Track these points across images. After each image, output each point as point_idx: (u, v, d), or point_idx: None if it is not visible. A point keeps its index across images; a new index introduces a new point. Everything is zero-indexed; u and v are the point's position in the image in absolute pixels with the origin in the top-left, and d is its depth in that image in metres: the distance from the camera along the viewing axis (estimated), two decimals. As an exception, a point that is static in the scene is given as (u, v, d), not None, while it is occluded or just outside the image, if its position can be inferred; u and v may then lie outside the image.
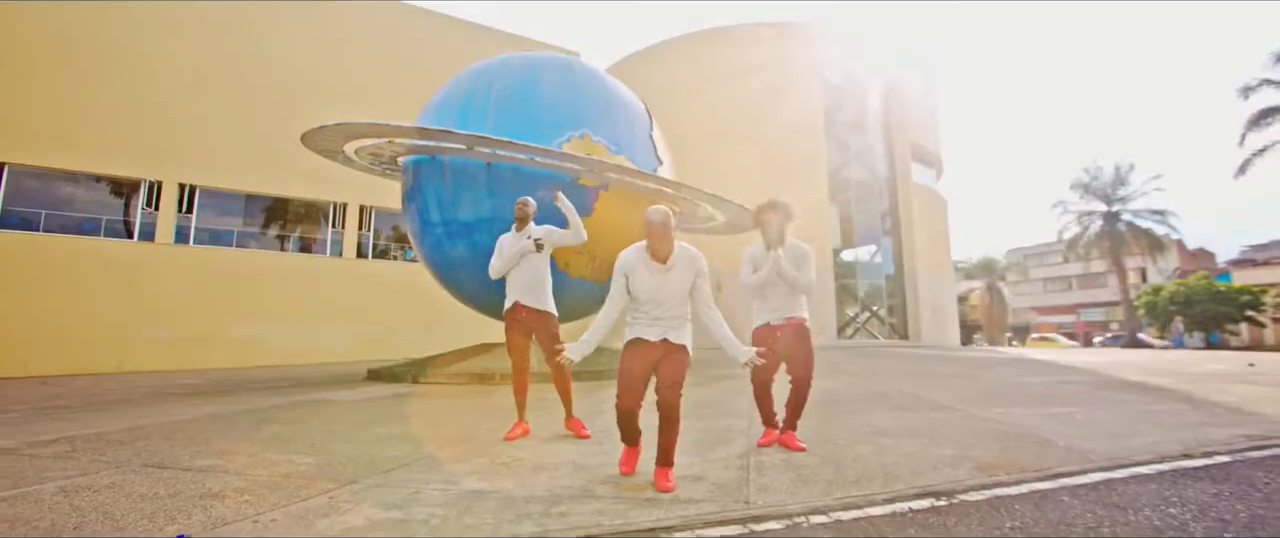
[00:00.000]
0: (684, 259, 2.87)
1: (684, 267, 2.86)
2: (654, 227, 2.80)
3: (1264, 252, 59.19)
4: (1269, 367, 9.58)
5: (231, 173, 16.55)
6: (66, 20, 14.48)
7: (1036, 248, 54.57)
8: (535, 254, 4.15)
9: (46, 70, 14.22)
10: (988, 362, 11.40)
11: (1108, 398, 5.73)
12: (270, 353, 15.64)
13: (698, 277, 2.88)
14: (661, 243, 2.81)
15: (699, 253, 2.91)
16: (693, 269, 2.87)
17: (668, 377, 2.77)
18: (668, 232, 2.81)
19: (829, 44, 22.75)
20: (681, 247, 2.88)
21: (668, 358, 2.83)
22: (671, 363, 2.81)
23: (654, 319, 2.85)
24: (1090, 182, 32.19)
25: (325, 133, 7.69)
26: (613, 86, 9.78)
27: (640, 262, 2.86)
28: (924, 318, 23.04)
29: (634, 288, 2.85)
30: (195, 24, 16.28)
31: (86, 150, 14.64)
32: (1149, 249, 31.02)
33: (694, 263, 2.88)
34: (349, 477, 2.95)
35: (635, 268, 2.85)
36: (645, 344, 2.85)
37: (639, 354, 2.84)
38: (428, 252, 9.09)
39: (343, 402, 5.92)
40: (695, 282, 2.88)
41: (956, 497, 2.52)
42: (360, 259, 18.61)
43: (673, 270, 2.83)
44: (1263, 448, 3.44)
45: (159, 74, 15.66)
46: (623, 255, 2.89)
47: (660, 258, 2.84)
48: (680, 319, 2.88)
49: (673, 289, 2.83)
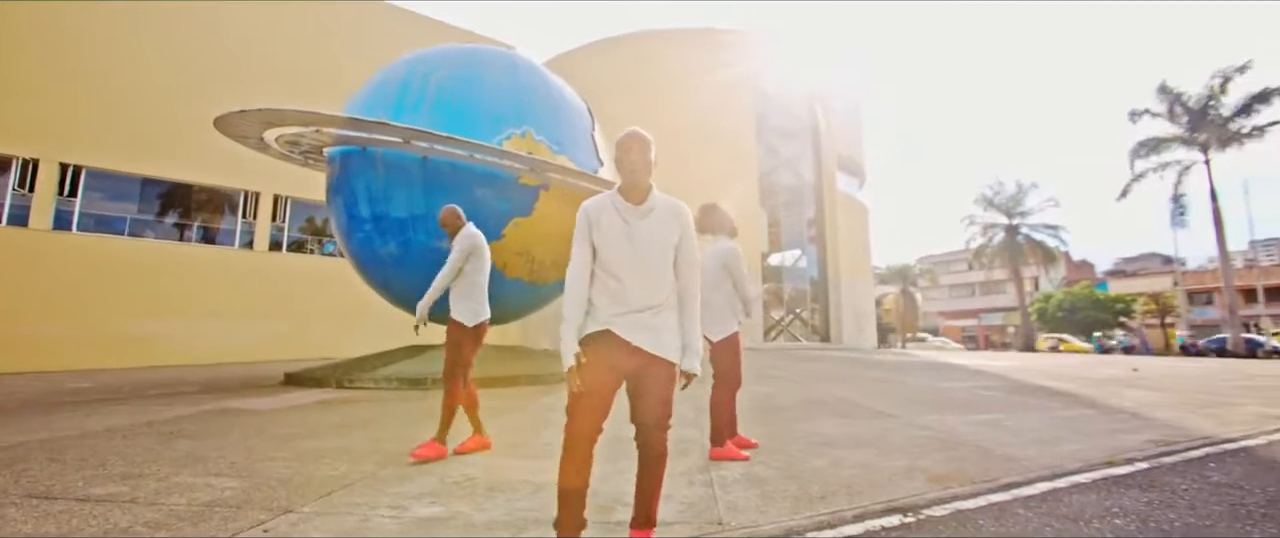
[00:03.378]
0: (666, 207, 2.15)
1: (666, 215, 2.13)
2: (628, 146, 2.08)
3: (1134, 263, 66.06)
4: (1149, 371, 10.60)
5: (126, 154, 15.02)
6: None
7: (945, 256, 58.35)
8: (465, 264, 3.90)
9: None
10: (905, 366, 12.00)
11: (1023, 404, 6.12)
12: (169, 353, 14.32)
13: (685, 232, 2.15)
14: (636, 169, 2.07)
15: (683, 204, 2.20)
16: (678, 222, 2.14)
17: (651, 412, 2.04)
18: (647, 154, 2.09)
19: (763, 52, 23.36)
20: (662, 195, 2.17)
21: (647, 378, 2.04)
22: (654, 387, 2.05)
23: (623, 301, 2.04)
24: (994, 196, 34.72)
25: (245, 118, 7.06)
26: (555, 84, 9.56)
27: (608, 207, 2.11)
28: (845, 321, 24.07)
29: (599, 244, 2.08)
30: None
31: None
32: (1043, 260, 33.83)
33: (679, 214, 2.15)
34: (283, 504, 2.67)
35: (600, 217, 2.10)
36: (613, 343, 2.03)
37: (602, 357, 2.02)
38: (355, 248, 8.57)
39: (262, 411, 5.44)
40: (681, 240, 2.14)
41: (922, 512, 2.56)
42: (274, 252, 17.39)
43: (652, 216, 2.10)
44: (1170, 454, 3.74)
45: (39, 39, 13.99)
46: (585, 205, 2.15)
47: (636, 196, 2.11)
48: (660, 305, 2.08)
49: (652, 242, 2.07)
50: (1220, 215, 23.94)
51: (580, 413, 1.99)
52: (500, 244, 8.17)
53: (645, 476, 2.10)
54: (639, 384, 2.07)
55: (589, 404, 1.99)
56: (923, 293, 54.31)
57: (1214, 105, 23.95)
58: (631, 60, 22.59)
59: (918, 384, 8.15)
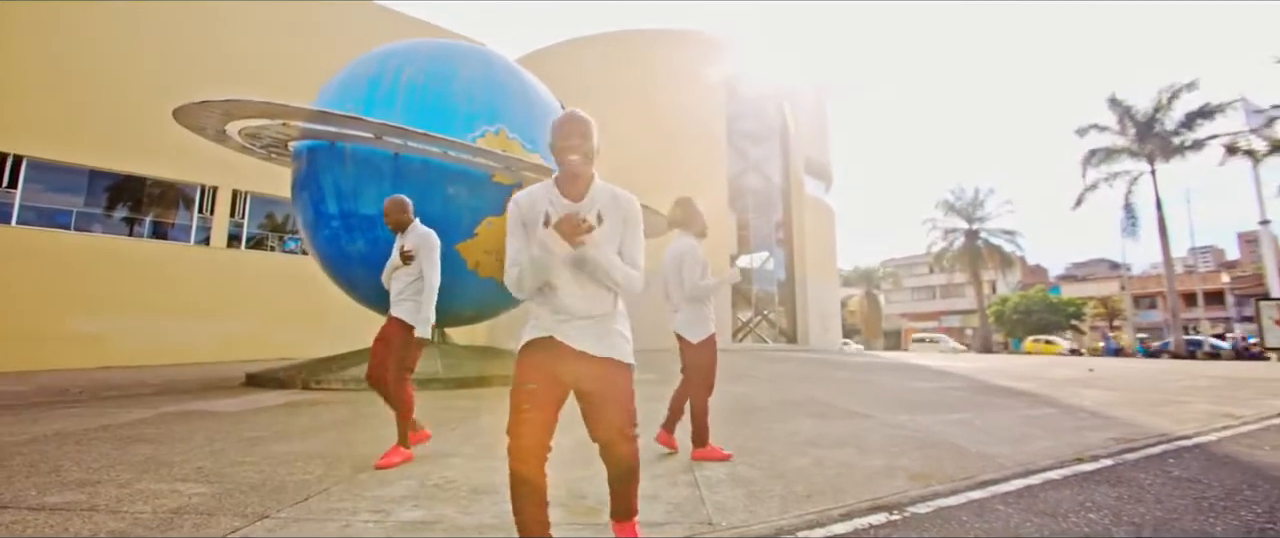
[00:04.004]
0: (608, 199, 1.88)
1: (610, 210, 1.86)
2: (565, 130, 1.82)
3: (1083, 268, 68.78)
4: (1103, 371, 11.04)
5: (71, 144, 14.29)
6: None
7: (907, 259, 59.79)
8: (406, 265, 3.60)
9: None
10: (871, 366, 12.25)
11: (989, 403, 6.30)
12: (119, 353, 13.68)
13: (629, 229, 1.88)
14: (573, 157, 1.81)
15: (631, 196, 1.93)
16: (622, 215, 1.87)
17: (613, 421, 1.86)
18: (588, 140, 1.83)
19: (733, 55, 23.58)
20: (604, 184, 1.91)
21: (602, 385, 1.84)
22: (610, 392, 1.85)
23: (561, 307, 1.81)
24: (955, 202, 35.77)
25: (207, 109, 6.78)
26: (529, 81, 9.47)
27: (542, 201, 1.85)
28: (812, 323, 24.45)
29: (534, 238, 1.79)
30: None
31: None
32: (1000, 264, 34.95)
33: (623, 206, 1.89)
34: (257, 510, 2.56)
35: (534, 211, 1.83)
36: (556, 350, 1.81)
37: (543, 366, 1.80)
38: (321, 245, 8.34)
39: (226, 413, 5.23)
40: (624, 237, 1.88)
41: (907, 510, 2.61)
42: (232, 249, 16.78)
43: (593, 214, 1.84)
44: (1132, 450, 3.90)
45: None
46: (516, 197, 1.88)
47: (574, 190, 1.86)
48: (607, 312, 1.86)
49: (594, 240, 1.79)
50: (1165, 224, 25.13)
51: (518, 435, 1.76)
52: (473, 243, 8.06)
53: (618, 484, 1.99)
54: (592, 393, 1.84)
55: (527, 418, 1.76)
56: (886, 295, 55.58)
57: (1161, 119, 25.12)
58: (601, 61, 22.53)
59: (886, 385, 8.32)
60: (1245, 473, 3.32)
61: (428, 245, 3.59)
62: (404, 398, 3.50)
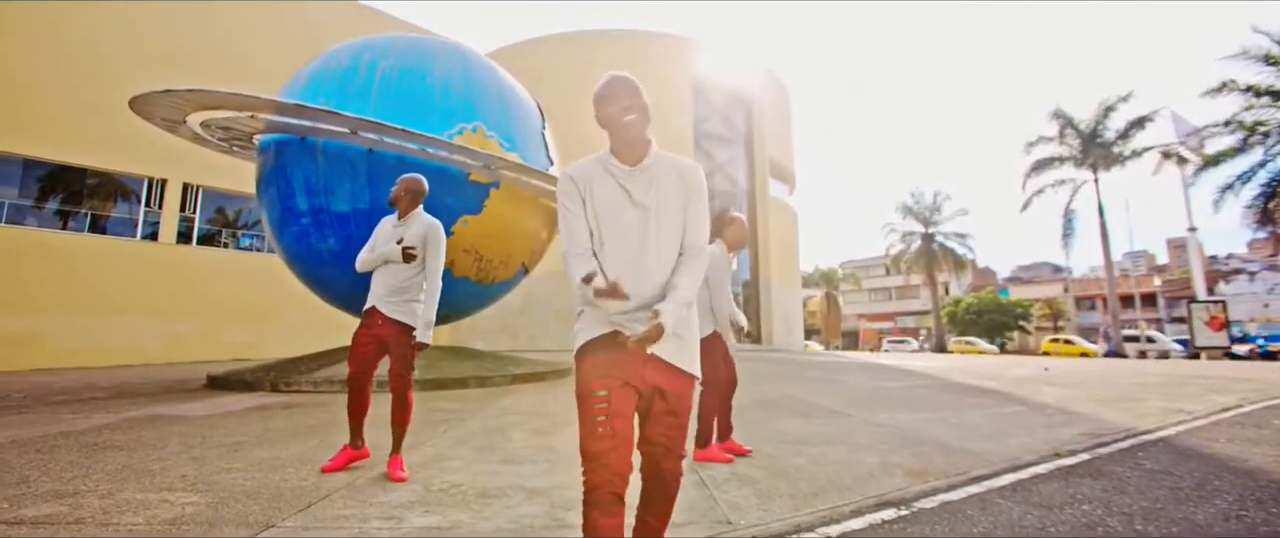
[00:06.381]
0: (669, 167, 1.68)
1: (672, 175, 1.67)
2: (613, 94, 1.65)
3: (1029, 271, 71.86)
4: (1058, 370, 11.57)
5: (7, 133, 13.41)
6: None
7: (866, 261, 61.37)
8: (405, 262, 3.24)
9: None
10: (840, 366, 12.54)
11: (959, 402, 6.53)
12: (60, 354, 12.91)
13: (693, 199, 1.68)
14: (631, 117, 1.63)
15: (695, 164, 1.74)
16: (685, 184, 1.67)
17: (667, 434, 1.64)
18: (639, 97, 1.65)
19: (700, 57, 23.79)
20: (662, 151, 1.72)
21: (666, 396, 1.62)
22: (673, 405, 1.63)
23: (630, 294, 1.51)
24: (913, 205, 36.87)
25: (171, 99, 6.45)
26: (507, 79, 9.35)
27: (599, 172, 1.66)
28: (775, 323, 24.88)
29: (593, 220, 1.64)
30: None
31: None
32: (954, 267, 36.20)
33: (687, 175, 1.68)
34: (260, 519, 2.46)
35: (592, 184, 1.65)
36: (620, 350, 1.56)
37: (612, 371, 1.56)
38: (289, 243, 8.04)
39: (196, 417, 5.00)
40: (690, 206, 1.67)
41: (914, 505, 2.69)
42: (182, 245, 16.01)
43: (653, 179, 1.65)
44: (1104, 445, 4.11)
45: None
46: (569, 171, 1.70)
47: (633, 154, 1.66)
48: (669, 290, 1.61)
49: (659, 210, 1.63)
50: (1106, 230, 26.49)
51: (596, 455, 1.52)
52: (449, 242, 7.87)
53: (652, 510, 1.70)
54: (653, 402, 1.63)
55: (608, 436, 1.51)
56: (844, 295, 56.94)
57: (1101, 129, 26.48)
58: (568, 59, 22.39)
59: (859, 384, 8.53)
60: (1211, 465, 3.53)
61: (436, 237, 3.31)
62: (410, 404, 3.30)
